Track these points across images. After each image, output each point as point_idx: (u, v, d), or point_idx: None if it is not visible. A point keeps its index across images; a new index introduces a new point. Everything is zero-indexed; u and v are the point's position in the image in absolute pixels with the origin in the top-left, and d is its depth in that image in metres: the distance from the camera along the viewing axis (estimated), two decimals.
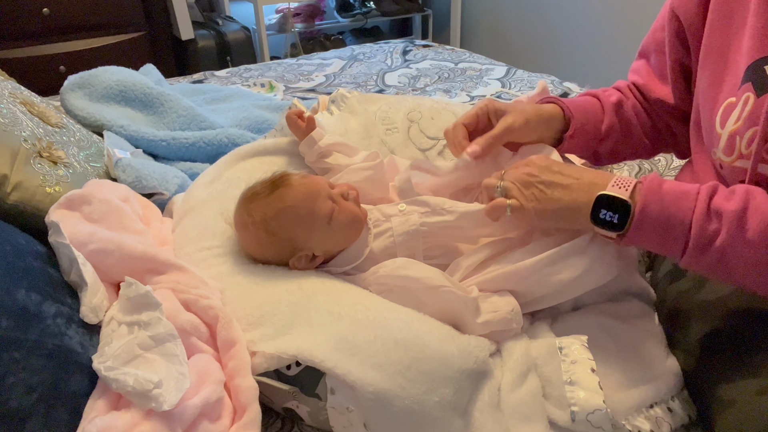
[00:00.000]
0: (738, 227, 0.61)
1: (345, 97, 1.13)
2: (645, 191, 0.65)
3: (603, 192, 0.67)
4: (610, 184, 0.67)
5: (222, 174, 0.99)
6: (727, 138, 0.70)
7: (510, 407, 0.69)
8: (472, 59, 2.11)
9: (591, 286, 0.76)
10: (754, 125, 0.67)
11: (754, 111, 0.67)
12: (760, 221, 0.60)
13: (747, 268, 0.62)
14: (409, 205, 0.83)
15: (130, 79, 1.35)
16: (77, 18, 2.51)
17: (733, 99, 0.70)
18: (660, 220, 0.64)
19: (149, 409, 0.59)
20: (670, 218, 0.64)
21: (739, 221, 0.61)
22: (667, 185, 0.65)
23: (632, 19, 2.57)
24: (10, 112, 0.92)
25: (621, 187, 0.67)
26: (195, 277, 0.76)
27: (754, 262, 0.61)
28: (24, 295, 0.62)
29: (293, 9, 3.33)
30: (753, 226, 0.60)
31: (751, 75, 0.69)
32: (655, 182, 0.66)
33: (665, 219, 0.64)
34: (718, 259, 0.62)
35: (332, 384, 0.67)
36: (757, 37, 0.69)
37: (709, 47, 0.77)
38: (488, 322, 0.73)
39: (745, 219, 0.61)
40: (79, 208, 0.81)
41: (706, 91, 0.76)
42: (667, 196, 0.64)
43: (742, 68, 0.70)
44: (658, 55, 0.88)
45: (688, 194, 0.64)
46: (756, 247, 0.60)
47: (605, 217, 0.67)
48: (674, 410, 0.70)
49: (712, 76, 0.76)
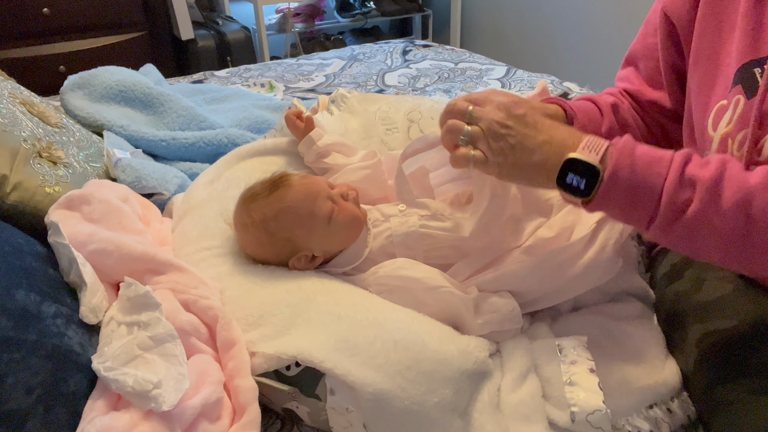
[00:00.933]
0: (712, 196, 0.57)
1: (345, 97, 1.13)
2: (617, 155, 0.60)
3: (572, 155, 0.61)
4: (581, 146, 0.61)
5: (222, 174, 0.99)
6: (720, 140, 0.70)
7: (510, 408, 0.69)
8: (472, 59, 2.10)
9: (591, 286, 0.76)
10: (745, 127, 0.67)
11: (745, 113, 0.67)
12: (736, 190, 0.57)
13: (717, 241, 0.58)
14: (409, 206, 0.83)
15: (130, 79, 1.35)
16: (77, 18, 2.51)
17: (725, 102, 0.70)
18: (629, 187, 0.60)
19: (149, 410, 0.59)
20: (640, 185, 0.59)
21: (714, 190, 0.57)
22: (640, 149, 0.61)
23: (632, 19, 2.57)
24: (10, 112, 0.92)
25: (592, 150, 0.61)
26: (195, 278, 0.76)
27: (726, 234, 0.57)
28: (23, 295, 0.62)
29: (293, 9, 3.33)
30: (728, 196, 0.57)
31: (741, 77, 0.69)
32: (628, 145, 0.61)
33: (635, 185, 0.59)
34: (688, 230, 0.59)
35: (332, 384, 0.67)
36: (747, 40, 0.69)
37: (700, 50, 0.77)
38: (488, 323, 0.73)
39: (721, 188, 0.57)
40: (78, 208, 0.81)
41: (698, 93, 0.77)
42: (639, 160, 0.60)
43: (733, 70, 0.70)
44: (648, 61, 0.88)
45: (662, 160, 0.60)
46: (729, 218, 0.57)
47: (572, 182, 0.61)
48: (673, 411, 0.70)
49: (703, 79, 0.76)
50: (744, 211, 0.56)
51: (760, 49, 0.68)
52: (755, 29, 0.69)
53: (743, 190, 0.56)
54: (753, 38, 0.69)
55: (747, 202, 0.56)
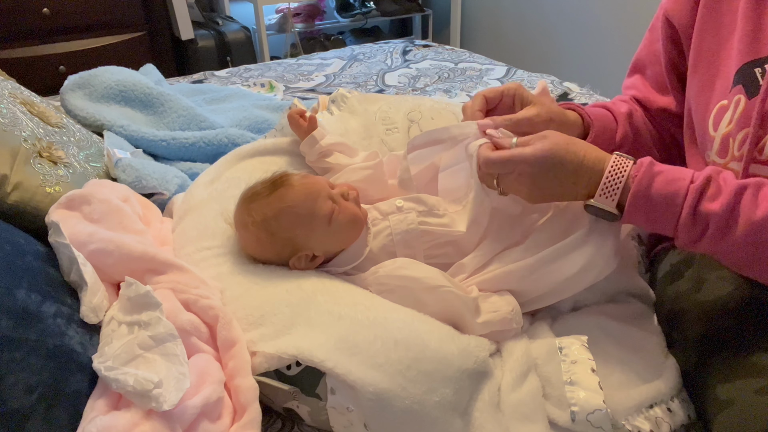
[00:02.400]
0: (723, 233, 0.63)
1: (345, 97, 1.13)
2: (632, 198, 0.66)
3: (590, 203, 0.69)
4: (598, 193, 0.68)
5: (222, 174, 0.99)
6: (721, 140, 0.71)
7: (510, 407, 0.69)
8: (472, 59, 2.10)
9: (590, 282, 0.76)
10: (745, 127, 0.68)
11: (746, 113, 0.68)
12: (745, 224, 0.61)
13: (730, 262, 0.67)
14: (406, 201, 0.83)
15: (130, 79, 1.35)
16: (77, 18, 2.51)
17: (725, 102, 0.71)
18: (647, 221, 0.67)
19: (149, 409, 0.59)
20: (657, 222, 0.66)
21: (725, 226, 0.62)
22: (655, 186, 0.65)
23: (632, 19, 2.57)
24: (10, 112, 0.92)
25: (608, 197, 0.67)
26: (195, 277, 0.76)
27: (737, 260, 0.65)
28: (24, 295, 0.62)
29: (293, 9, 3.33)
30: (738, 232, 0.62)
31: (741, 78, 0.70)
32: (642, 185, 0.65)
33: (651, 222, 0.67)
34: (706, 250, 0.66)
35: (332, 384, 0.67)
36: (747, 40, 0.70)
37: (700, 51, 0.77)
38: (488, 322, 0.73)
39: (732, 223, 0.62)
40: (79, 208, 0.81)
41: (698, 94, 0.77)
42: (655, 195, 0.65)
43: (733, 71, 0.71)
44: (655, 66, 0.88)
45: (677, 196, 0.64)
46: (738, 250, 0.63)
47: (596, 213, 0.70)
48: (674, 410, 0.70)
49: (703, 80, 0.76)
50: (753, 244, 0.62)
51: (760, 50, 0.69)
52: (755, 30, 0.69)
53: (751, 224, 0.61)
54: (753, 39, 0.69)
55: (755, 235, 0.61)
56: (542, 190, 0.70)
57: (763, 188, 0.62)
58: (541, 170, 0.68)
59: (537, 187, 0.70)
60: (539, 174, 0.69)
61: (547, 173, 0.68)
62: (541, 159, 0.68)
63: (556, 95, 1.68)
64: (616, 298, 0.84)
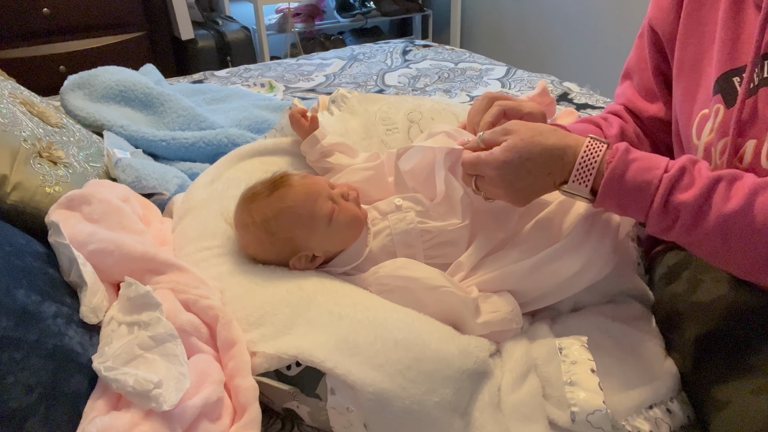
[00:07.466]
0: (692, 225, 0.62)
1: (345, 97, 1.13)
2: (604, 184, 0.65)
3: (563, 188, 0.68)
4: (571, 179, 0.67)
5: (222, 174, 0.99)
6: (704, 149, 0.72)
7: (510, 407, 0.69)
8: (472, 59, 2.11)
9: (590, 281, 0.76)
10: (725, 136, 0.69)
11: (724, 122, 0.69)
12: (715, 218, 0.61)
13: (700, 252, 0.66)
14: (405, 200, 0.83)
15: (130, 79, 1.35)
16: (77, 18, 2.51)
17: (707, 111, 0.72)
18: (619, 207, 0.67)
19: (149, 410, 0.59)
20: (628, 208, 0.66)
21: (695, 217, 0.62)
22: (629, 173, 0.64)
23: (632, 20, 2.57)
24: (10, 112, 0.92)
25: (581, 183, 0.66)
26: (195, 277, 0.76)
27: (707, 250, 0.65)
28: (24, 295, 0.62)
29: (293, 9, 3.33)
30: (708, 223, 0.62)
31: (720, 87, 0.70)
32: (616, 172, 0.64)
33: (624, 207, 0.67)
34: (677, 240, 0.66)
35: (332, 384, 0.67)
36: (726, 50, 0.70)
37: (683, 60, 0.78)
38: (488, 323, 0.73)
39: (702, 214, 0.62)
40: (78, 208, 0.81)
41: (682, 103, 0.78)
42: (627, 184, 0.64)
43: (713, 80, 0.71)
44: (644, 73, 0.88)
45: (650, 185, 0.64)
46: (707, 241, 0.63)
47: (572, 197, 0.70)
48: (673, 411, 0.71)
49: (686, 88, 0.77)
50: (722, 236, 0.61)
51: (738, 59, 0.69)
52: (733, 39, 0.70)
53: (721, 216, 0.61)
54: (731, 48, 0.70)
55: (725, 227, 0.61)
56: (518, 190, 0.70)
57: (737, 181, 0.62)
58: (509, 171, 0.68)
59: (513, 189, 0.70)
60: (509, 175, 0.68)
61: (518, 171, 0.68)
62: (508, 161, 0.68)
63: (556, 95, 1.68)
64: (616, 299, 0.84)
